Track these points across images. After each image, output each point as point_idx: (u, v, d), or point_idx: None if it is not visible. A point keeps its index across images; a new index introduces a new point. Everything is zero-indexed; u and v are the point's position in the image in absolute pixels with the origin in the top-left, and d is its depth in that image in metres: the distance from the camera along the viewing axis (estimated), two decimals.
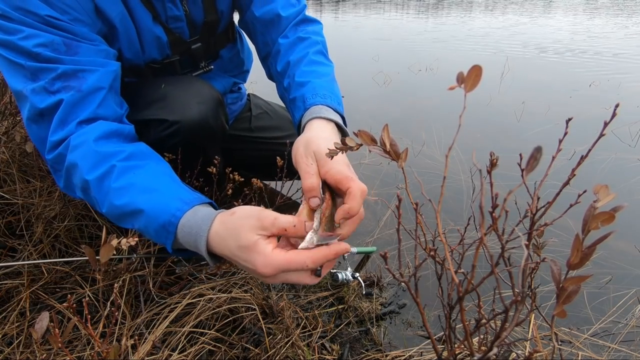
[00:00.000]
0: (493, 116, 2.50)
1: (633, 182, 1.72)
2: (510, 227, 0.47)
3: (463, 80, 0.36)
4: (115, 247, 0.64)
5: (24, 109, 0.74)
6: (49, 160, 0.75)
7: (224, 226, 0.61)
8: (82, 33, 0.76)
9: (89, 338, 0.89)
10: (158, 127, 0.90)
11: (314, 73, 0.94)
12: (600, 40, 4.74)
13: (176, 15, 0.94)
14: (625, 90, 2.94)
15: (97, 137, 0.72)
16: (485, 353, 0.41)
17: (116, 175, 0.69)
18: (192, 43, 1.01)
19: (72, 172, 0.72)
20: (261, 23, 1.04)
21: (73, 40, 0.74)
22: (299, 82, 0.92)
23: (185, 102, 0.91)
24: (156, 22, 0.91)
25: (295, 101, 0.90)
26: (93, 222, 1.18)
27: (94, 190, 0.70)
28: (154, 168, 0.73)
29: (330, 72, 0.98)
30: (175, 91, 0.92)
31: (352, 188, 0.62)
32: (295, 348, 0.90)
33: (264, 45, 1.07)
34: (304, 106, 0.86)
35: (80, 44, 0.75)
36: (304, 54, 0.98)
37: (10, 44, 0.71)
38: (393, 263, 1.21)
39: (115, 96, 0.81)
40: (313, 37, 1.03)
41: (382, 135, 0.45)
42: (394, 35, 5.16)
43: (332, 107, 0.85)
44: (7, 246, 1.10)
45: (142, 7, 0.87)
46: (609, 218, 0.36)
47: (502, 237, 0.42)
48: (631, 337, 1.01)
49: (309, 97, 0.87)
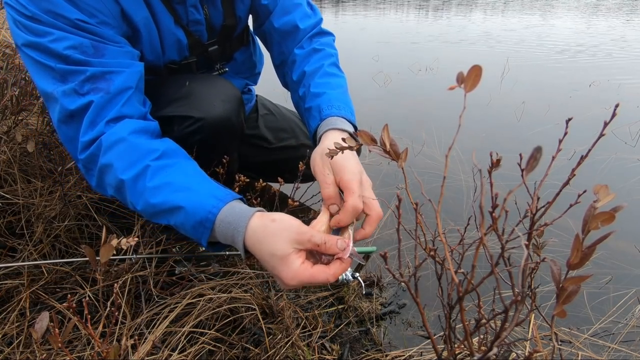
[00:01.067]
0: (493, 116, 2.50)
1: (633, 182, 1.72)
2: (510, 227, 0.47)
3: (463, 80, 0.36)
4: (115, 247, 0.64)
5: (53, 110, 0.77)
6: (82, 160, 0.77)
7: (263, 229, 0.66)
8: (108, 36, 0.79)
9: (89, 338, 0.89)
10: (182, 123, 0.92)
11: (328, 85, 0.99)
12: (601, 40, 4.74)
13: (197, 19, 0.97)
14: (625, 90, 2.94)
15: (128, 135, 0.75)
16: (485, 353, 0.41)
17: (151, 175, 0.72)
18: (210, 45, 1.04)
19: (105, 171, 0.75)
20: (279, 33, 1.08)
21: (100, 42, 0.77)
22: (315, 92, 0.97)
23: (209, 99, 0.94)
24: (177, 25, 0.94)
25: (311, 110, 0.95)
26: (93, 222, 1.18)
27: (128, 189, 0.73)
28: (185, 166, 0.77)
29: (344, 84, 1.03)
30: (199, 88, 0.95)
31: (371, 216, 0.73)
32: (295, 348, 0.90)
33: (280, 54, 1.11)
34: (319, 116, 0.91)
35: (107, 46, 0.78)
36: (319, 66, 1.02)
37: (40, 46, 0.73)
38: (393, 263, 1.21)
39: (140, 95, 0.84)
40: (327, 49, 1.07)
41: (382, 135, 0.45)
42: (394, 35, 5.16)
43: (346, 117, 0.90)
44: (7, 246, 1.10)
45: (165, 11, 0.90)
46: (609, 218, 0.36)
47: (502, 237, 0.42)
48: (631, 337, 1.01)
49: (325, 108, 0.92)
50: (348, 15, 6.61)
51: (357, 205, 0.70)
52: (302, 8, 1.08)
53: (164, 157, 0.75)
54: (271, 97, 1.47)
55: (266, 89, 1.60)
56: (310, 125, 0.94)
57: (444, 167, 0.41)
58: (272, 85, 1.09)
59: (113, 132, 0.74)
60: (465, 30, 5.49)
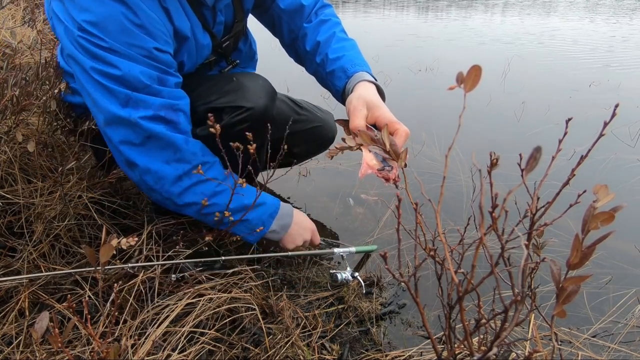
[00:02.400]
0: (493, 116, 2.50)
1: (633, 182, 1.72)
2: (510, 227, 0.47)
3: (463, 80, 0.36)
4: (115, 247, 0.64)
5: (118, 133, 0.87)
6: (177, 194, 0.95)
7: (300, 217, 1.11)
8: (171, 62, 0.89)
9: (89, 338, 0.89)
10: (233, 112, 1.00)
11: (344, 48, 1.12)
12: (601, 40, 4.74)
13: (221, 21, 1.05)
14: (625, 90, 2.94)
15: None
16: (485, 353, 0.41)
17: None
18: (224, 42, 1.11)
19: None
20: (287, 14, 1.17)
21: (164, 73, 0.88)
22: (335, 57, 1.09)
23: (257, 92, 1.03)
24: (205, 30, 1.01)
25: (334, 72, 1.08)
26: (93, 222, 1.18)
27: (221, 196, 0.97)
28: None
29: (356, 45, 1.16)
30: (247, 83, 1.04)
31: (399, 130, 0.87)
32: (295, 348, 0.90)
33: (290, 33, 1.21)
34: (345, 75, 1.05)
35: (168, 77, 0.89)
36: (331, 34, 1.14)
37: (111, 75, 0.82)
38: (393, 263, 1.21)
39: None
40: (333, 18, 1.19)
41: (382, 136, 0.45)
42: (394, 35, 5.16)
43: (369, 72, 1.04)
44: (7, 246, 1.10)
45: (195, 18, 0.96)
46: (609, 218, 0.36)
47: (502, 237, 0.42)
48: (631, 337, 1.01)
49: (349, 67, 1.06)
50: (348, 16, 6.62)
51: (407, 131, 0.86)
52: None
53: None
54: None
55: None
56: (337, 85, 1.08)
57: (443, 167, 0.41)
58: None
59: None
60: (465, 30, 5.49)
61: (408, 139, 0.88)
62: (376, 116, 0.89)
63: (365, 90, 0.97)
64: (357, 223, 1.46)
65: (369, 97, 0.92)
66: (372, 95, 0.94)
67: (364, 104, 0.90)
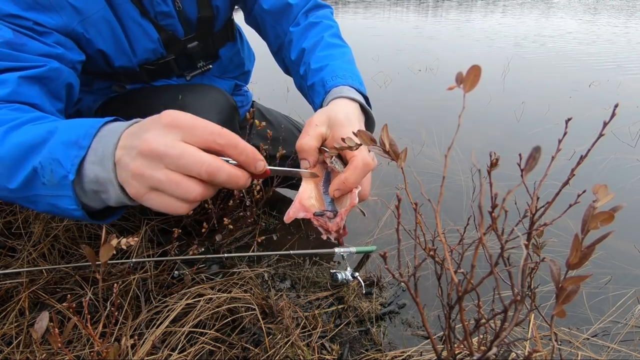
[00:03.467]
0: (493, 116, 2.50)
1: (633, 182, 1.72)
2: (509, 227, 0.47)
3: (462, 80, 0.36)
4: (115, 247, 0.64)
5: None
6: None
7: (141, 123, 0.49)
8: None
9: (89, 338, 0.89)
10: None
11: (331, 56, 0.90)
12: (600, 40, 4.74)
13: (165, 11, 0.90)
14: (625, 90, 2.94)
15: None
16: (484, 353, 0.41)
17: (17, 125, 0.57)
18: (188, 42, 0.99)
19: None
20: (271, 15, 1.01)
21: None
22: (317, 67, 0.88)
23: (203, 112, 0.89)
24: (144, 18, 0.87)
25: (314, 87, 0.86)
26: (92, 222, 1.18)
27: None
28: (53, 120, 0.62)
29: (348, 53, 0.94)
30: (193, 102, 0.91)
31: (355, 158, 0.56)
32: (295, 348, 0.90)
33: (276, 38, 1.04)
34: (324, 90, 0.82)
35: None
36: (318, 39, 0.94)
37: None
38: (393, 263, 1.21)
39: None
40: (325, 21, 0.99)
41: (382, 135, 0.45)
42: (394, 35, 5.16)
43: (354, 87, 0.79)
44: (6, 246, 1.10)
45: (128, 2, 0.84)
46: (608, 218, 0.36)
47: (502, 237, 0.42)
48: (630, 337, 1.01)
49: (329, 79, 0.83)
50: (348, 15, 6.61)
51: (367, 160, 0.56)
52: None
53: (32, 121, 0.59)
54: (270, 97, 1.48)
55: (265, 89, 1.59)
56: (315, 102, 0.86)
57: (443, 167, 0.41)
58: (270, 85, 1.08)
59: None
60: (465, 30, 5.48)
61: (370, 171, 0.59)
62: (337, 137, 0.60)
63: (336, 106, 0.72)
64: (357, 223, 1.46)
65: (334, 114, 0.66)
66: (340, 111, 0.68)
67: (325, 121, 0.64)
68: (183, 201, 0.46)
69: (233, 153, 0.46)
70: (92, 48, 0.84)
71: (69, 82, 0.77)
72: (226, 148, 0.45)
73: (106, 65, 0.91)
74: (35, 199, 0.56)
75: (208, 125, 0.45)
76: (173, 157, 0.43)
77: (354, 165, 0.55)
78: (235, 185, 0.46)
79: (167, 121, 0.44)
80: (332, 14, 1.06)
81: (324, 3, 1.05)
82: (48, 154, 0.52)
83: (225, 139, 0.45)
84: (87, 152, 0.50)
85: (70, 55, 0.77)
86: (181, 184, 0.44)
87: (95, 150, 0.49)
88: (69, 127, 0.53)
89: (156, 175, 0.44)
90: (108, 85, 1.01)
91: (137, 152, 0.45)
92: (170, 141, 0.43)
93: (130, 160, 0.45)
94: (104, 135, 0.50)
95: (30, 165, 0.53)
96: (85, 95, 1.01)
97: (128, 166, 0.46)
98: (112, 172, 0.48)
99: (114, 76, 0.97)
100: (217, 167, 0.44)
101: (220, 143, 0.45)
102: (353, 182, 0.54)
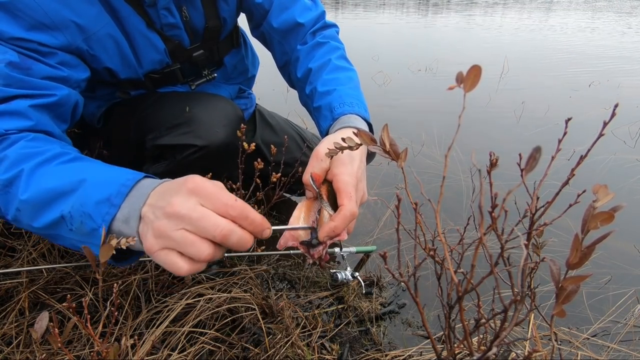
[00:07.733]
0: (493, 116, 2.50)
1: (633, 182, 1.72)
2: (509, 227, 0.47)
3: (462, 80, 0.36)
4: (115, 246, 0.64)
5: None
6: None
7: (168, 184, 0.54)
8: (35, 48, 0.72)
9: (89, 338, 0.89)
10: (185, 151, 0.90)
11: (337, 80, 0.92)
12: (600, 40, 4.74)
13: (171, 23, 0.90)
14: (625, 90, 2.95)
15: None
16: (484, 353, 0.41)
17: (48, 164, 0.61)
18: (194, 50, 0.99)
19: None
20: (279, 33, 1.02)
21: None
22: (324, 91, 0.90)
23: (211, 125, 0.91)
24: (151, 30, 0.88)
25: (321, 110, 0.89)
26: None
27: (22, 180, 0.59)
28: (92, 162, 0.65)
29: (354, 77, 0.96)
30: (201, 114, 0.91)
31: (344, 207, 0.60)
32: (295, 348, 0.90)
33: (282, 54, 1.06)
34: (331, 116, 0.85)
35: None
36: (326, 61, 0.96)
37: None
38: (392, 263, 1.21)
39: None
40: (332, 42, 1.01)
41: (382, 135, 0.45)
42: (394, 35, 5.16)
43: (360, 115, 0.84)
44: (6, 246, 1.10)
45: (135, 14, 0.84)
46: (608, 218, 0.36)
47: (502, 237, 0.42)
48: (630, 336, 1.01)
49: (337, 106, 0.86)
50: (348, 16, 6.61)
51: (354, 211, 0.60)
52: (301, 1, 1.01)
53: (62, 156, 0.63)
54: (270, 97, 1.47)
55: (265, 89, 1.59)
56: (322, 125, 0.89)
57: (443, 167, 0.41)
58: (271, 85, 1.08)
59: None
60: (464, 30, 5.48)
61: (353, 221, 0.62)
62: (334, 174, 0.65)
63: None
64: (357, 223, 1.46)
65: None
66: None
67: (328, 159, 0.67)
68: (191, 261, 0.50)
69: (244, 224, 0.51)
70: (97, 63, 0.84)
71: (75, 103, 0.79)
72: (238, 219, 0.51)
73: (111, 77, 0.91)
74: (57, 237, 0.61)
75: (224, 196, 0.51)
76: (193, 219, 0.48)
77: (342, 214, 0.60)
78: (243, 248, 0.52)
79: (191, 187, 0.50)
80: (338, 34, 1.08)
81: (332, 22, 1.07)
82: (79, 207, 0.56)
83: (237, 211, 0.50)
84: (118, 210, 0.55)
85: (76, 75, 0.79)
86: (196, 243, 0.49)
87: (123, 209, 0.55)
88: (99, 179, 0.58)
89: (174, 235, 0.49)
90: (111, 91, 1.01)
91: (162, 212, 0.50)
92: (192, 205, 0.49)
93: (154, 218, 0.51)
94: (134, 195, 0.55)
95: (58, 211, 0.57)
96: (89, 101, 1.00)
97: (152, 224, 0.51)
98: (135, 228, 0.54)
99: (117, 84, 0.97)
100: (230, 230, 0.50)
101: (233, 215, 0.50)
102: (341, 230, 0.60)
